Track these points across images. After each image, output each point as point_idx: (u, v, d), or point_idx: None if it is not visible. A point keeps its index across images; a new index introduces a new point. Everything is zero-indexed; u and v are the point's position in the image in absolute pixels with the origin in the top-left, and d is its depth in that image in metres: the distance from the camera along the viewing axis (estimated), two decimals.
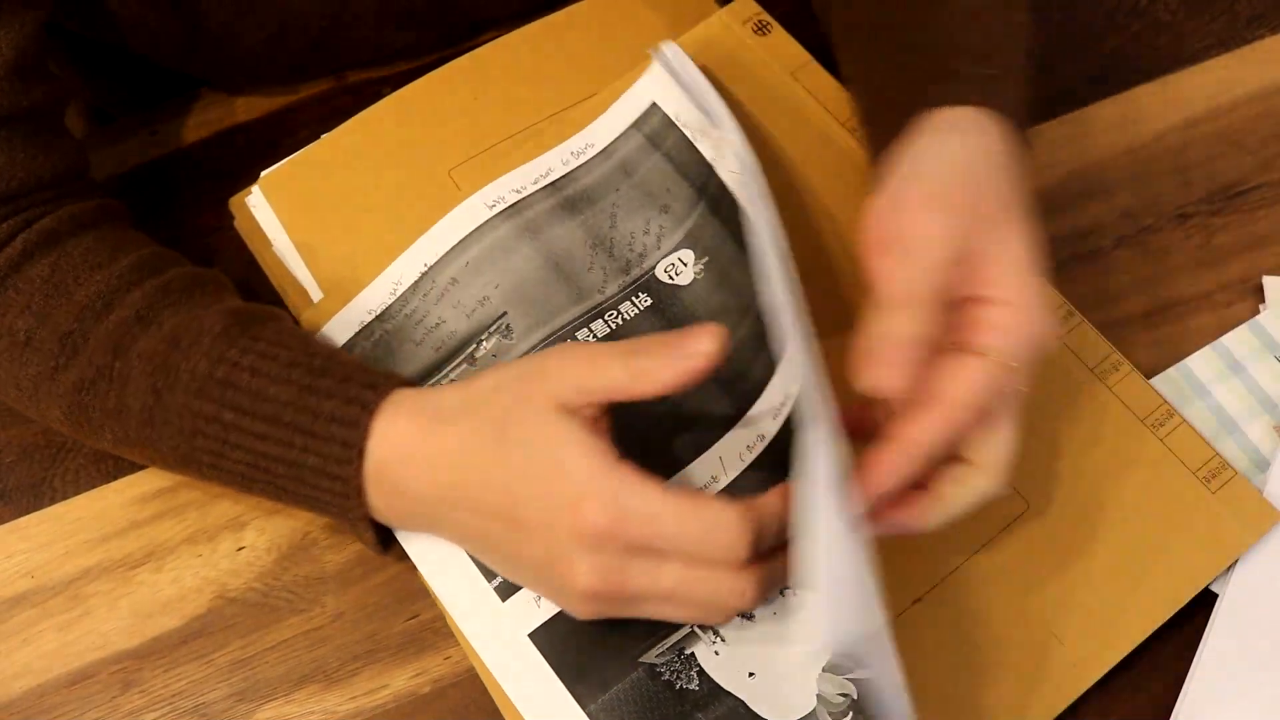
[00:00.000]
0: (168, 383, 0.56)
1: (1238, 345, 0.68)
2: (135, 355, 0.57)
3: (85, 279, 0.59)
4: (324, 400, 0.54)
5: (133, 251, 0.61)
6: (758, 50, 0.71)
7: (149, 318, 0.58)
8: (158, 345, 0.57)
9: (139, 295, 0.59)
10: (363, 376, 0.56)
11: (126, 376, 0.57)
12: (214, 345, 0.56)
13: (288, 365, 0.56)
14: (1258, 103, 0.76)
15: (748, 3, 0.73)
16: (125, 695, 0.60)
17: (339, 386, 0.55)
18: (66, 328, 0.58)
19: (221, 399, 0.55)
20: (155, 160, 0.75)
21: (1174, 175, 0.74)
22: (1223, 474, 0.62)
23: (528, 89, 0.71)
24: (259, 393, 0.55)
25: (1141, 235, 0.72)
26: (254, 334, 0.57)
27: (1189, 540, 0.60)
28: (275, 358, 0.56)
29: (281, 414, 0.55)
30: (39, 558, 0.64)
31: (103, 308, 0.58)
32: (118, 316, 0.58)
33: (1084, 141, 0.75)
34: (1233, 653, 0.59)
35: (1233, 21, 0.79)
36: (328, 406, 0.54)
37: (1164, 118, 0.75)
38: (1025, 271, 0.53)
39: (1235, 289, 0.70)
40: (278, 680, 0.60)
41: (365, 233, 0.66)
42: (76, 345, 0.58)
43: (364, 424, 0.54)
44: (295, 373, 0.55)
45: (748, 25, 0.72)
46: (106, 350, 0.57)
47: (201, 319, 0.58)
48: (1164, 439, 0.63)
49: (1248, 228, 0.72)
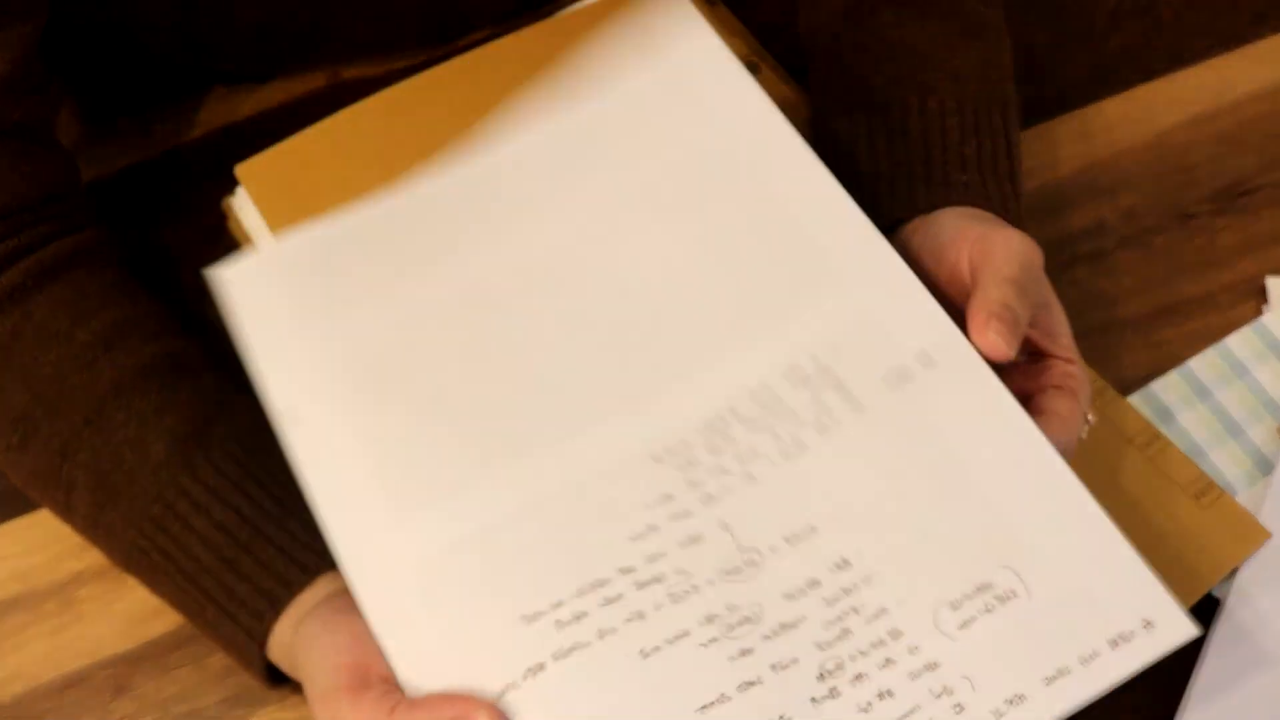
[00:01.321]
0: (109, 500, 0.57)
1: (1241, 347, 0.67)
2: (80, 465, 0.57)
3: (41, 355, 0.58)
4: (239, 581, 0.55)
5: (97, 316, 0.59)
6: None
7: (98, 423, 0.57)
8: (103, 460, 0.57)
9: (90, 392, 0.57)
10: (281, 564, 0.55)
11: (73, 483, 0.57)
12: (154, 478, 0.56)
13: (216, 527, 0.56)
14: (1261, 102, 0.75)
15: (736, 43, 0.73)
16: (118, 700, 0.60)
17: (256, 569, 0.55)
18: (19, 412, 0.58)
19: (154, 539, 0.56)
20: (149, 160, 0.75)
21: (1177, 175, 0.73)
22: (1211, 492, 0.62)
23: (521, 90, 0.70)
24: (185, 548, 0.56)
25: (1144, 236, 0.71)
26: (194, 472, 0.56)
27: (1182, 555, 0.60)
28: (208, 511, 0.56)
29: (200, 578, 0.56)
30: (31, 561, 0.63)
31: (54, 398, 0.58)
32: (67, 415, 0.57)
33: (1087, 141, 0.74)
34: (1235, 660, 0.58)
35: (1235, 20, 0.79)
36: (241, 590, 0.55)
37: (1167, 117, 0.75)
38: (1070, 336, 0.58)
39: (1238, 290, 0.70)
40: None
41: None
42: (27, 434, 0.58)
43: (269, 619, 0.55)
44: (220, 537, 0.56)
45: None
46: (54, 451, 0.57)
47: (148, 439, 0.57)
48: (1152, 459, 0.62)
49: (1251, 228, 0.71)
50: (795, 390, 0.55)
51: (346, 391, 0.57)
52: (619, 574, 0.52)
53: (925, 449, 0.53)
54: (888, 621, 0.51)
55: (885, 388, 0.55)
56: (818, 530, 0.53)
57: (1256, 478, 0.64)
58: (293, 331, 0.58)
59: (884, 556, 0.52)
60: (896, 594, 0.51)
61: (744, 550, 0.53)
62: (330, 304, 0.59)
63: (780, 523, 0.53)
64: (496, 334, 0.58)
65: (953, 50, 0.66)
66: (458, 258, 0.60)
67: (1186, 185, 0.73)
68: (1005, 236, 0.58)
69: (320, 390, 0.57)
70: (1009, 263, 0.56)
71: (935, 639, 0.50)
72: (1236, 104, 0.75)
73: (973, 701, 0.49)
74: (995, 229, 0.59)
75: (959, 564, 0.51)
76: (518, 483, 0.54)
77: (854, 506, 0.53)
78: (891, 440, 0.54)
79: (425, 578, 0.53)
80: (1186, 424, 0.65)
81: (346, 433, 0.56)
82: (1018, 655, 0.49)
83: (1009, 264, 0.56)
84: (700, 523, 0.53)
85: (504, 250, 0.60)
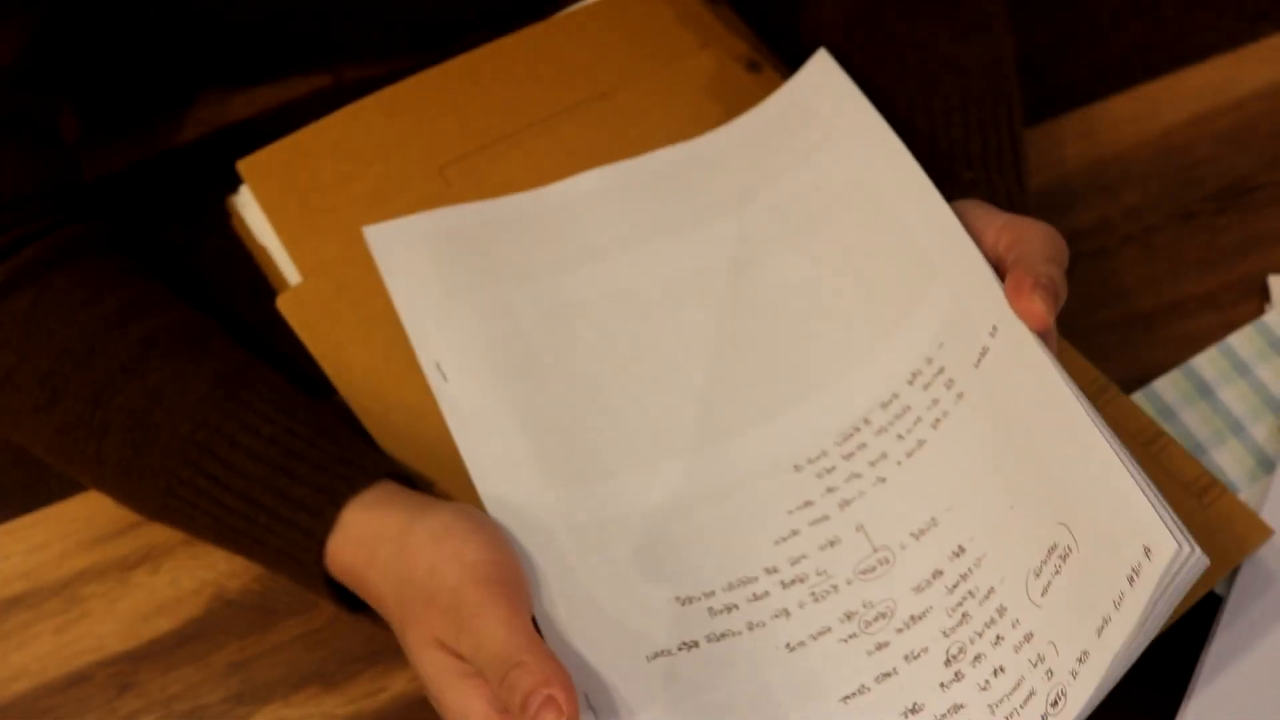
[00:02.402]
0: (147, 439, 0.57)
1: (1243, 345, 0.67)
2: (116, 408, 0.57)
3: (67, 318, 0.58)
4: (295, 484, 0.55)
5: (118, 290, 0.60)
6: (751, 88, 0.71)
7: (132, 369, 0.57)
8: (139, 400, 0.57)
9: (123, 344, 0.58)
10: (337, 466, 0.56)
11: (106, 427, 0.57)
12: (198, 407, 0.56)
13: (267, 440, 0.56)
14: (1264, 101, 0.75)
15: (738, 42, 0.73)
16: (122, 698, 0.60)
17: (312, 473, 0.55)
18: (46, 369, 0.58)
19: (199, 464, 0.56)
20: (151, 158, 0.75)
21: (1179, 174, 0.73)
22: (1214, 490, 0.62)
23: (524, 90, 0.70)
24: (234, 465, 0.56)
25: (1147, 234, 0.71)
26: (240, 398, 0.57)
27: None
28: (257, 430, 0.56)
29: (252, 490, 0.55)
30: (35, 559, 0.63)
31: (84, 352, 0.58)
32: (101, 365, 0.57)
33: (1089, 139, 0.75)
34: (1237, 658, 0.58)
35: (1239, 19, 0.79)
36: (297, 492, 0.55)
37: (1170, 116, 0.75)
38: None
39: (1241, 289, 0.70)
40: (276, 683, 0.60)
41: (348, 222, 0.66)
42: (57, 389, 0.58)
43: (329, 515, 0.55)
44: (273, 450, 0.56)
45: (740, 63, 0.73)
46: (87, 399, 0.57)
47: (187, 376, 0.57)
48: (1155, 456, 0.62)
49: (1254, 227, 0.71)
50: (916, 393, 0.57)
51: (500, 360, 0.60)
52: (765, 573, 0.56)
53: (1003, 421, 0.55)
54: (996, 600, 0.52)
55: (974, 370, 0.56)
56: (938, 522, 0.55)
57: (1258, 476, 0.64)
58: (446, 293, 0.62)
59: (988, 536, 0.54)
60: (1000, 571, 0.53)
61: (877, 550, 0.56)
62: (482, 277, 0.63)
63: (907, 519, 0.56)
64: (647, 339, 0.62)
65: (957, 45, 0.66)
66: (607, 264, 0.64)
67: (1189, 184, 0.73)
68: (1036, 222, 0.57)
69: (472, 352, 0.60)
70: (1046, 244, 0.56)
71: (1028, 609, 0.51)
72: (1239, 102, 0.75)
73: (1057, 666, 0.50)
74: (1020, 216, 0.59)
75: (1036, 529, 0.52)
76: (668, 480, 0.58)
77: (962, 492, 0.55)
78: (983, 419, 0.55)
79: (580, 540, 0.56)
80: (1188, 422, 0.65)
81: (499, 397, 0.59)
82: (1080, 611, 0.49)
83: (1046, 245, 0.56)
84: (837, 526, 0.57)
85: (649, 261, 0.64)
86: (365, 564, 0.54)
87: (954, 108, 0.64)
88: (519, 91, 0.70)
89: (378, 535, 0.54)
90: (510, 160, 0.67)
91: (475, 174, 0.67)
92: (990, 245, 0.57)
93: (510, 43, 0.72)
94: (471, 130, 0.69)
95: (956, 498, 0.55)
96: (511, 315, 0.62)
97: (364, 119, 0.69)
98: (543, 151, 0.68)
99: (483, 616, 0.50)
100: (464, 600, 0.50)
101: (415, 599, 0.52)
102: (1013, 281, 0.54)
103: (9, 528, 0.64)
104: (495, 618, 0.49)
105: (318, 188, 0.67)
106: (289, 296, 0.64)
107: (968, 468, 0.55)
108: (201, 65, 0.75)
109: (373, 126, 0.69)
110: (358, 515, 0.55)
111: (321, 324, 0.63)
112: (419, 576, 0.52)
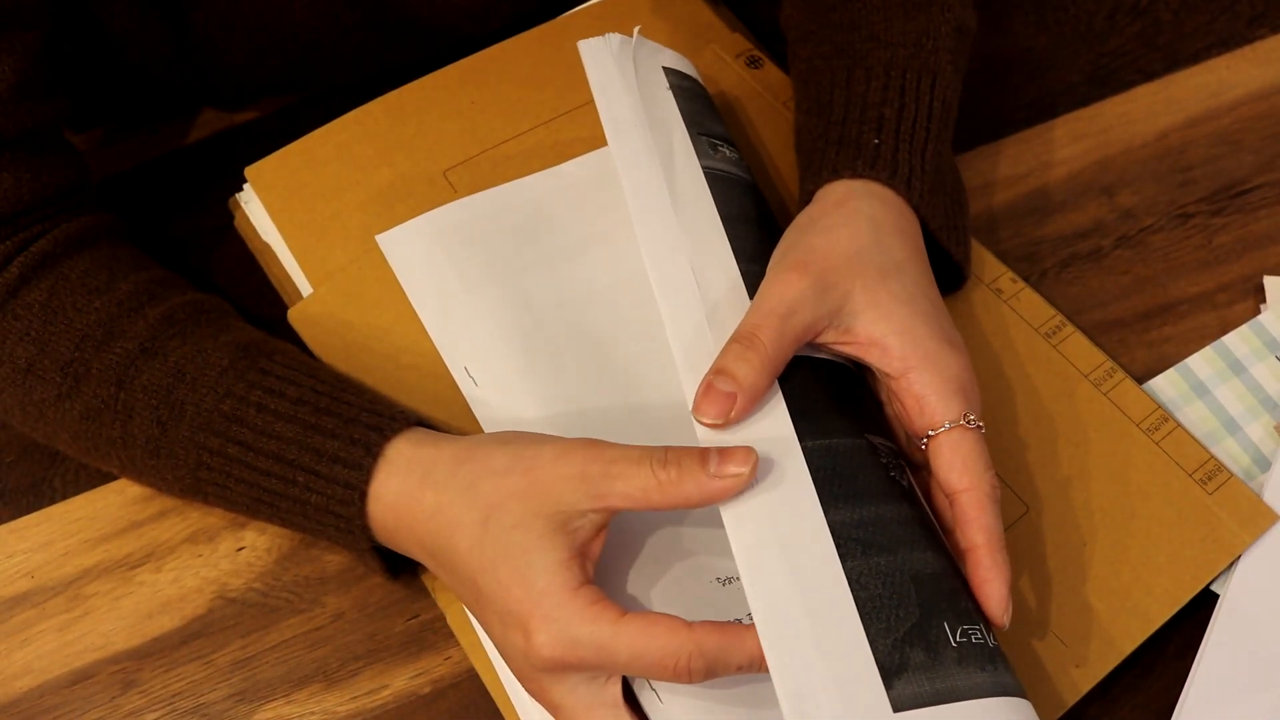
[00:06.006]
0: (173, 416, 0.57)
1: (1238, 345, 0.68)
2: (139, 388, 0.57)
3: (84, 305, 0.58)
4: (328, 440, 0.55)
5: (131, 275, 0.60)
6: (752, 83, 0.72)
7: (153, 349, 0.58)
8: (162, 378, 0.57)
9: (141, 325, 0.58)
10: (368, 417, 0.56)
11: (131, 409, 0.57)
12: (221, 379, 0.57)
13: (294, 402, 0.56)
14: (1259, 102, 0.76)
15: (738, 39, 0.74)
16: (125, 696, 0.60)
17: (344, 427, 0.55)
18: (67, 356, 0.58)
19: (227, 434, 0.56)
20: (155, 159, 0.75)
21: (1175, 175, 0.74)
22: (1219, 476, 0.62)
23: (526, 93, 0.71)
24: (265, 429, 0.55)
25: (1142, 235, 0.72)
26: (262, 367, 0.57)
27: (1188, 541, 0.60)
28: (282, 394, 0.56)
29: (286, 451, 0.55)
30: (39, 558, 0.64)
31: (104, 337, 0.58)
32: (120, 347, 0.58)
33: (1085, 141, 0.75)
34: (1234, 653, 0.59)
35: (1233, 21, 0.79)
36: (331, 446, 0.55)
37: (1165, 117, 0.75)
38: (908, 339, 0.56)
39: (1236, 289, 0.70)
40: (278, 681, 0.60)
41: (353, 228, 0.66)
42: (79, 375, 0.58)
43: (367, 466, 0.54)
44: (301, 410, 0.56)
45: (740, 59, 0.73)
46: (110, 382, 0.57)
47: (208, 352, 0.58)
48: (1159, 443, 0.63)
49: (1248, 227, 0.72)
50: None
51: (526, 357, 0.61)
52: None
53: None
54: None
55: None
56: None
57: (1254, 474, 0.64)
58: (465, 291, 0.63)
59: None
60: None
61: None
62: (498, 268, 0.63)
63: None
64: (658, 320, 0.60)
65: (890, 21, 0.64)
66: (614, 247, 0.64)
67: (1184, 185, 0.73)
68: (936, 373, 0.55)
69: (498, 354, 0.61)
70: (963, 408, 0.54)
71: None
72: (1234, 104, 0.76)
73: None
74: (920, 351, 0.56)
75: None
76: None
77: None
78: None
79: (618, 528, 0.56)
80: (1185, 421, 0.65)
81: (529, 396, 0.60)
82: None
83: (965, 408, 0.55)
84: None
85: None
86: (415, 492, 0.53)
87: (874, 75, 0.63)
88: (522, 94, 0.71)
89: (431, 459, 0.54)
90: (514, 163, 0.67)
91: (479, 177, 0.67)
92: (896, 395, 0.56)
93: (513, 46, 0.73)
94: (475, 133, 0.69)
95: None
96: (530, 307, 0.62)
97: (368, 123, 0.70)
98: (546, 153, 0.68)
99: (620, 448, 0.51)
100: (597, 453, 0.51)
101: (503, 490, 0.51)
102: (974, 574, 0.53)
103: (13, 526, 0.64)
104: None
105: (324, 194, 0.67)
106: (299, 310, 0.65)
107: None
108: (196, 89, 0.75)
109: (377, 131, 0.69)
110: (403, 449, 0.55)
111: (333, 335, 0.64)
112: (500, 467, 0.52)
